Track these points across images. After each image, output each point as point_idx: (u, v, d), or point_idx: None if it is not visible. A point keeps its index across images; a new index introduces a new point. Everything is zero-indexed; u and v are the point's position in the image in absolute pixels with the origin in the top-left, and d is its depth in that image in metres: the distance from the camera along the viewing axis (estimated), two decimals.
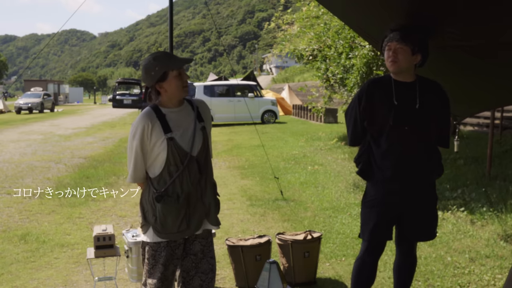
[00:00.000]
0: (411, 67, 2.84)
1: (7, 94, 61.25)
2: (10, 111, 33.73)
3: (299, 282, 3.86)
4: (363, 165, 2.98)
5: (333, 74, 10.39)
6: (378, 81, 2.98)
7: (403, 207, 2.91)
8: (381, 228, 2.93)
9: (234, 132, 17.02)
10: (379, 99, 2.87)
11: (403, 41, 2.76)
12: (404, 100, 2.83)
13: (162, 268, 2.56)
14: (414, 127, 2.82)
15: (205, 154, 2.59)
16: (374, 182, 2.95)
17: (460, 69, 3.84)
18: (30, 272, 4.24)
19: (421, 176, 2.88)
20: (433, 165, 2.92)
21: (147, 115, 2.49)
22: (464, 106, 4.96)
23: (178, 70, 2.49)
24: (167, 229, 2.52)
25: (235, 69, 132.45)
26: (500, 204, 5.73)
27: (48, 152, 11.99)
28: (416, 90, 2.85)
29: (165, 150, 2.47)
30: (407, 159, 2.84)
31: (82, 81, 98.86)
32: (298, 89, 14.07)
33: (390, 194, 2.88)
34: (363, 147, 2.99)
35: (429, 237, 3.03)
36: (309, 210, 6.16)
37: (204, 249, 2.64)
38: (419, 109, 2.83)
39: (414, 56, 2.80)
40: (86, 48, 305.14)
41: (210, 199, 2.61)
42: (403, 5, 2.85)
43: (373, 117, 2.89)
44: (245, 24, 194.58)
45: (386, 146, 2.86)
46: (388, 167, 2.86)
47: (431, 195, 2.97)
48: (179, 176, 2.49)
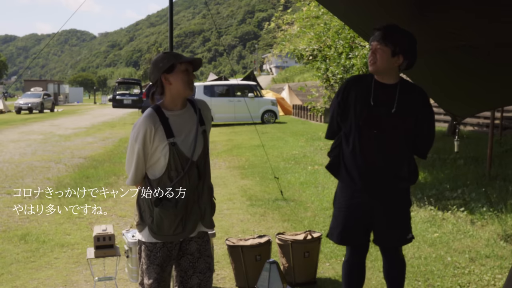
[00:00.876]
0: (393, 68, 2.73)
1: (7, 94, 61.26)
2: (10, 111, 33.72)
3: (299, 282, 3.86)
4: (333, 159, 2.93)
5: (333, 74, 10.39)
6: (359, 79, 2.94)
7: (372, 211, 2.84)
8: (349, 232, 2.88)
9: (234, 132, 17.02)
10: (355, 97, 2.81)
11: (383, 42, 2.66)
12: (381, 102, 2.75)
13: (158, 269, 2.56)
14: (383, 132, 2.74)
15: (205, 159, 2.59)
16: (341, 183, 2.92)
17: (460, 69, 3.84)
18: (30, 272, 4.24)
19: (387, 181, 2.80)
20: (402, 173, 2.81)
21: (150, 118, 2.45)
22: (465, 106, 4.96)
23: (186, 66, 2.47)
24: (163, 231, 2.51)
25: (235, 69, 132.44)
26: (500, 204, 5.73)
27: (48, 152, 11.99)
28: (396, 93, 2.74)
29: (167, 155, 2.45)
30: (372, 163, 2.77)
31: (82, 81, 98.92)
32: (298, 89, 14.07)
33: (357, 198, 2.83)
34: (337, 141, 2.95)
35: (401, 242, 2.93)
36: (309, 210, 6.16)
37: (201, 249, 2.64)
38: (395, 114, 2.73)
39: (395, 57, 2.68)
40: (86, 48, 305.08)
41: (206, 203, 2.61)
42: (402, 5, 2.86)
43: (347, 113, 2.83)
44: (245, 24, 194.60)
45: (354, 145, 2.80)
46: (353, 168, 2.81)
47: (402, 199, 2.88)
48: (179, 181, 2.48)
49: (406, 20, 3.18)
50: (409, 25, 3.20)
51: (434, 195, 6.44)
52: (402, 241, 2.92)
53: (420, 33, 3.33)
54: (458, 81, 4.10)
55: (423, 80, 4.55)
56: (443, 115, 13.79)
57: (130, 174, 2.55)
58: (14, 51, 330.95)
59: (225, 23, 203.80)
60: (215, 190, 2.76)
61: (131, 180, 2.56)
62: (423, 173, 7.72)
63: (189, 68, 2.49)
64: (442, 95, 4.67)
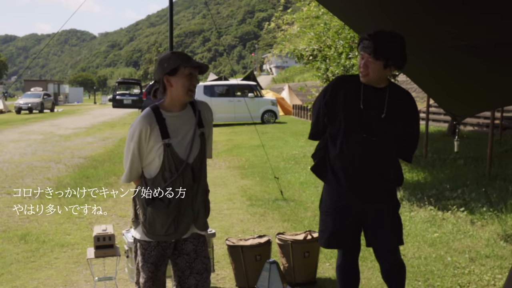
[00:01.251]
0: (384, 76, 2.71)
1: (7, 94, 61.24)
2: (10, 111, 33.72)
3: (299, 282, 3.86)
4: (319, 161, 2.90)
5: (333, 74, 10.38)
6: (347, 79, 2.89)
7: (361, 213, 2.81)
8: (338, 236, 2.85)
9: (234, 132, 17.02)
10: (344, 99, 2.76)
11: (374, 56, 2.61)
12: (371, 106, 2.72)
13: (153, 268, 2.57)
14: (373, 136, 2.71)
15: (201, 162, 2.58)
16: (327, 186, 2.89)
17: (462, 69, 3.84)
18: (30, 272, 4.24)
19: (374, 184, 2.77)
20: (390, 176, 2.79)
21: (147, 118, 2.46)
22: (465, 106, 4.96)
23: (190, 70, 2.44)
24: (155, 230, 2.52)
25: (235, 69, 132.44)
26: (500, 204, 5.73)
27: (48, 152, 11.99)
28: (385, 97, 2.72)
29: (161, 156, 2.46)
30: (360, 165, 2.75)
31: (82, 81, 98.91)
32: (298, 89, 14.06)
33: (343, 200, 2.80)
34: (322, 142, 2.90)
35: (392, 244, 2.85)
36: (309, 210, 6.16)
37: (197, 249, 2.64)
38: (385, 118, 2.70)
39: (386, 69, 2.66)
40: (86, 48, 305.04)
41: (199, 206, 2.60)
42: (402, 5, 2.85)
43: (334, 115, 2.78)
44: (245, 24, 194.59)
45: (342, 148, 2.76)
46: (340, 170, 2.78)
47: (390, 201, 2.85)
48: (173, 183, 2.49)
49: (406, 20, 3.18)
50: (409, 25, 3.20)
51: (434, 195, 6.45)
52: (395, 242, 2.85)
53: (420, 33, 3.33)
54: (460, 80, 4.10)
55: (424, 79, 4.56)
56: (443, 115, 13.81)
57: (126, 171, 2.57)
58: (14, 51, 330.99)
59: (225, 23, 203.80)
60: (215, 190, 2.77)
61: (125, 177, 2.58)
62: (423, 173, 7.73)
63: (193, 72, 2.45)
64: (444, 93, 4.67)
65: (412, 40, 3.53)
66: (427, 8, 2.85)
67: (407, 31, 3.34)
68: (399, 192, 6.64)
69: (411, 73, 4.50)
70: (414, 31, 3.33)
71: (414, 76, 4.53)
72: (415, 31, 3.33)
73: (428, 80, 4.50)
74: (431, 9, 2.84)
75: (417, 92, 18.46)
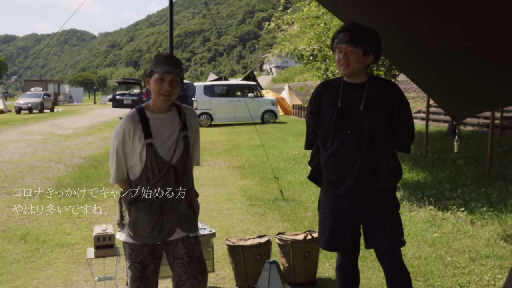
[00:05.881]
0: (364, 67, 2.73)
1: (7, 94, 61.22)
2: (10, 111, 33.73)
3: (299, 282, 3.86)
4: (314, 169, 2.91)
5: (333, 74, 10.38)
6: (329, 83, 2.89)
7: (357, 214, 2.78)
8: (337, 237, 2.83)
9: (234, 132, 17.02)
10: (326, 102, 2.79)
11: (353, 44, 2.63)
12: (349, 102, 2.72)
13: (140, 267, 2.57)
14: (357, 131, 2.70)
15: (184, 163, 2.58)
16: (323, 190, 2.89)
17: (463, 69, 3.84)
18: (30, 272, 4.24)
19: (366, 182, 2.73)
20: (382, 172, 2.73)
21: (131, 118, 2.53)
22: (465, 106, 4.96)
23: (161, 76, 2.47)
24: (139, 232, 2.53)
25: (235, 69, 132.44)
26: (500, 204, 5.73)
27: (48, 152, 11.99)
28: (364, 90, 2.72)
29: (144, 156, 2.49)
30: (349, 165, 2.73)
31: (82, 81, 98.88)
32: (298, 89, 14.05)
33: (338, 202, 2.79)
34: (315, 149, 2.92)
35: (392, 245, 2.78)
36: (309, 210, 6.16)
37: (189, 252, 2.63)
38: (363, 110, 2.68)
39: (366, 57, 2.68)
40: (86, 48, 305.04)
41: (184, 208, 2.60)
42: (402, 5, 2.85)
43: (321, 120, 2.81)
44: (245, 24, 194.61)
45: (331, 150, 2.77)
46: (332, 172, 2.78)
47: (388, 200, 2.79)
48: (156, 183, 2.51)
49: (406, 21, 3.18)
50: (409, 26, 3.20)
51: (434, 195, 6.45)
52: (396, 243, 2.79)
53: (421, 33, 3.33)
54: (460, 79, 4.10)
55: (424, 78, 4.55)
56: (443, 115, 13.81)
57: (112, 172, 2.61)
58: (14, 51, 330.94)
59: (225, 23, 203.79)
60: (215, 190, 2.77)
61: (113, 178, 2.62)
62: (423, 173, 7.73)
63: (165, 78, 2.48)
64: (445, 92, 4.66)
65: (413, 41, 3.54)
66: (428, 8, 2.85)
67: (408, 31, 3.35)
68: (399, 192, 6.64)
69: (411, 73, 4.49)
70: (415, 32, 3.33)
71: (414, 76, 4.53)
72: (416, 32, 3.33)
73: (429, 79, 4.50)
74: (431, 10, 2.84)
75: (417, 92, 18.47)
